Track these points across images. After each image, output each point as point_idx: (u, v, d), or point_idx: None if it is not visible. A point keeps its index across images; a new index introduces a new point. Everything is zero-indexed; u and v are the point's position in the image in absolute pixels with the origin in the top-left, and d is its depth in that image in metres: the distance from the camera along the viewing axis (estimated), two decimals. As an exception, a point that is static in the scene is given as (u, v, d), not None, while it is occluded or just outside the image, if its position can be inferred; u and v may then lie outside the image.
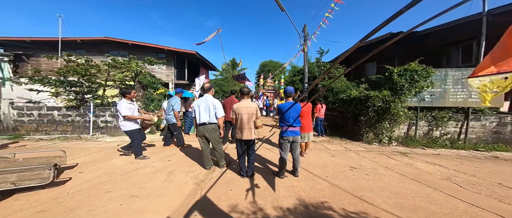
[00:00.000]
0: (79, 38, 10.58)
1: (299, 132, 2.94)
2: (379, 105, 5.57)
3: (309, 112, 4.13)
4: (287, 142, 2.88)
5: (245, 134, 2.83)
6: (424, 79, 5.61)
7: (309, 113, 4.17)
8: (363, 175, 3.29)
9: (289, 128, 2.85)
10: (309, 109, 4.14)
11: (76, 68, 4.57)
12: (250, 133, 2.86)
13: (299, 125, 2.94)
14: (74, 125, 4.95)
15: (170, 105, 4.38)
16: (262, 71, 18.08)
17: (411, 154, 4.91)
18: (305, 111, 4.06)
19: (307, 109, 4.08)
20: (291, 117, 2.86)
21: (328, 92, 8.72)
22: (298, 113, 2.91)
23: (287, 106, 2.87)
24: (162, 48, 11.20)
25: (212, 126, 3.07)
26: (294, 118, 2.87)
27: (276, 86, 12.14)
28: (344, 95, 7.16)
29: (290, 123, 2.85)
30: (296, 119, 2.90)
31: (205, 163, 3.23)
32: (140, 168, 3.23)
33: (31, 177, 2.28)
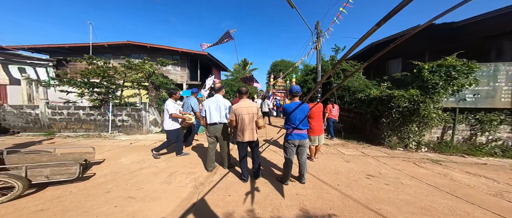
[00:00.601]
0: (106, 43, 11.54)
1: (306, 135, 2.67)
2: (404, 106, 4.92)
3: (319, 113, 3.79)
4: (292, 146, 2.63)
5: (247, 135, 2.67)
6: (464, 76, 4.78)
7: (320, 114, 3.82)
8: (382, 185, 2.86)
9: (295, 131, 2.59)
10: (319, 109, 3.79)
11: (96, 70, 4.93)
12: (253, 134, 2.70)
13: (306, 127, 2.67)
14: (96, 123, 5.35)
15: (189, 106, 4.49)
16: (273, 71, 17.72)
17: (446, 162, 4.22)
18: (315, 112, 3.73)
19: (317, 109, 3.74)
20: (297, 119, 2.60)
21: (344, 91, 8.09)
22: (305, 115, 2.63)
23: (293, 106, 2.62)
24: (176, 50, 11.65)
25: (223, 126, 3.06)
26: (300, 120, 2.61)
27: (287, 86, 11.72)
28: (363, 95, 6.53)
29: (295, 125, 2.60)
30: (303, 121, 2.63)
31: (207, 164, 3.15)
32: (144, 168, 3.26)
33: (61, 172, 2.47)
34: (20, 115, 5.28)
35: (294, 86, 2.78)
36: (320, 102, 3.86)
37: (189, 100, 4.56)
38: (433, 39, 7.63)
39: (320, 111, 3.80)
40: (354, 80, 7.78)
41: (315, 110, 3.72)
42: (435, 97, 4.86)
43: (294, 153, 2.69)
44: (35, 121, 5.33)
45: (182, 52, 11.81)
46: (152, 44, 11.54)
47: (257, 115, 2.74)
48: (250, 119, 2.68)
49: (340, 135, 6.62)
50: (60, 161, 2.67)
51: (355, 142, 6.04)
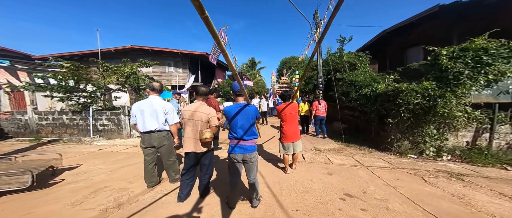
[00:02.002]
0: (113, 48, 12.17)
1: (252, 148, 2.01)
2: (416, 102, 3.86)
3: (293, 115, 3.08)
4: (235, 162, 2.00)
5: (187, 145, 2.15)
6: (505, 61, 3.56)
7: (295, 116, 3.12)
8: (356, 212, 2.09)
9: (237, 142, 1.98)
10: (293, 110, 3.08)
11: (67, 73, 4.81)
12: (195, 145, 2.14)
13: (253, 137, 2.02)
14: (79, 128, 5.44)
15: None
16: (282, 69, 16.85)
17: (472, 176, 3.14)
18: (288, 114, 3.04)
19: (290, 110, 3.05)
20: (239, 127, 1.96)
21: (350, 87, 7.01)
22: (250, 121, 1.99)
23: (233, 110, 2.00)
24: (176, 52, 11.72)
25: (161, 134, 2.54)
26: (243, 128, 1.97)
27: (292, 83, 10.84)
28: (368, 90, 5.48)
29: (237, 135, 1.98)
30: (249, 130, 1.99)
31: (146, 179, 2.66)
32: (74, 183, 2.88)
33: (11, 181, 2.41)
34: (12, 121, 5.65)
35: (236, 83, 2.05)
36: (294, 102, 3.17)
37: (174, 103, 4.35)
38: (464, 21, 6.12)
39: (294, 112, 3.09)
40: (359, 73, 6.67)
41: (287, 112, 3.04)
42: (459, 90, 3.71)
43: (239, 171, 2.07)
44: (25, 127, 5.64)
45: (182, 54, 11.84)
46: (154, 47, 11.81)
47: (207, 123, 2.16)
48: (194, 126, 2.13)
49: (340, 137, 5.69)
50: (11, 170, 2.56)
51: (357, 147, 5.07)
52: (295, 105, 3.12)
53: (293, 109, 3.07)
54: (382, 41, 8.41)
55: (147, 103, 2.49)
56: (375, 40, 8.57)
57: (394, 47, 8.22)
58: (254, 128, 2.05)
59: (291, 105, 3.04)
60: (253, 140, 2.04)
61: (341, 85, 7.52)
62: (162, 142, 2.55)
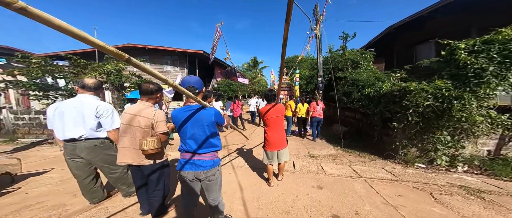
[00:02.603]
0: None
1: (210, 164, 1.49)
2: (427, 104, 3.30)
3: (278, 119, 2.61)
4: (187, 181, 1.48)
5: (123, 155, 1.69)
6: None
7: (281, 119, 2.64)
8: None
9: (188, 156, 1.47)
10: (278, 113, 2.60)
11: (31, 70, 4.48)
12: (132, 155, 1.68)
13: (210, 150, 1.50)
14: None
15: None
16: (286, 68, 16.28)
17: (496, 194, 2.57)
18: (271, 117, 2.58)
19: (275, 113, 2.58)
20: (190, 137, 1.45)
21: (352, 86, 6.42)
22: (206, 130, 1.47)
23: (182, 115, 1.46)
24: (173, 50, 11.47)
25: (92, 143, 1.95)
26: (196, 139, 1.45)
27: (292, 82, 10.28)
28: (371, 90, 4.90)
29: (186, 147, 1.46)
30: (205, 142, 1.47)
31: (85, 195, 2.12)
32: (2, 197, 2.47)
33: None
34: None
35: (188, 77, 1.50)
36: (280, 104, 2.71)
37: None
38: (484, 12, 5.41)
39: (279, 115, 2.61)
40: (361, 72, 6.09)
41: (271, 115, 2.57)
42: (482, 90, 3.12)
43: (195, 192, 1.53)
44: (0, 127, 5.43)
45: (179, 52, 11.58)
46: (151, 45, 11.61)
47: (150, 130, 1.67)
48: (132, 134, 1.66)
49: (339, 142, 5.15)
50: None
51: (356, 153, 4.53)
52: (281, 107, 2.64)
53: (278, 112, 2.59)
54: (389, 37, 7.74)
55: (72, 103, 1.91)
56: (381, 36, 7.91)
57: (402, 43, 7.54)
58: (213, 138, 1.51)
59: (276, 107, 2.57)
60: (212, 154, 1.51)
61: (343, 85, 6.95)
62: (95, 154, 1.97)
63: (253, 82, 14.48)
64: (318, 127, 5.63)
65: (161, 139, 1.68)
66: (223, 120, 1.61)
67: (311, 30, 8.05)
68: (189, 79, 1.49)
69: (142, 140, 1.58)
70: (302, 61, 13.61)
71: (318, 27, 7.54)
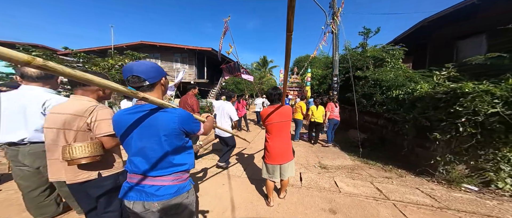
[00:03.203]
0: (124, 44, 12.36)
1: (171, 191, 0.95)
2: (493, 112, 2.49)
3: (284, 125, 2.02)
4: (135, 213, 0.96)
5: (52, 171, 1.25)
6: None
7: (287, 125, 2.05)
8: None
9: (137, 180, 0.95)
10: (283, 118, 2.01)
11: None
12: (58, 168, 1.22)
13: (170, 171, 0.96)
14: None
15: None
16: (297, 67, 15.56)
17: None
18: (275, 122, 2.00)
19: (279, 118, 1.99)
20: (137, 152, 0.95)
21: (374, 87, 5.60)
22: (162, 142, 0.93)
23: (126, 119, 0.96)
24: (182, 48, 11.38)
25: (39, 148, 1.50)
26: (147, 155, 0.94)
27: (303, 82, 9.57)
28: (401, 92, 4.09)
29: (132, 167, 0.96)
30: (162, 159, 0.94)
31: (31, 211, 1.69)
32: None
33: None
34: None
35: (133, 63, 0.95)
36: (286, 105, 2.13)
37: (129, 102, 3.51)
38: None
39: (285, 120, 2.01)
40: (387, 71, 5.25)
41: (274, 119, 2.00)
42: None
43: None
44: None
45: (188, 49, 11.48)
46: (162, 43, 11.66)
47: (86, 133, 1.19)
48: (53, 140, 1.19)
49: (357, 151, 4.42)
50: None
51: (379, 166, 3.78)
52: (286, 110, 2.03)
53: (283, 116, 2.00)
54: (421, 32, 6.70)
55: (9, 98, 1.46)
56: (411, 31, 6.90)
57: (438, 39, 6.45)
58: (177, 154, 0.99)
59: (281, 110, 1.98)
60: (175, 176, 0.98)
61: (362, 86, 6.15)
62: (42, 162, 1.51)
63: (262, 82, 13.96)
64: (332, 132, 4.96)
65: (105, 145, 1.21)
66: (196, 126, 1.06)
67: (327, 25, 7.34)
68: (133, 65, 0.94)
69: (66, 147, 1.10)
70: (314, 60, 12.79)
71: (335, 21, 6.80)
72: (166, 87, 1.11)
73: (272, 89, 2.10)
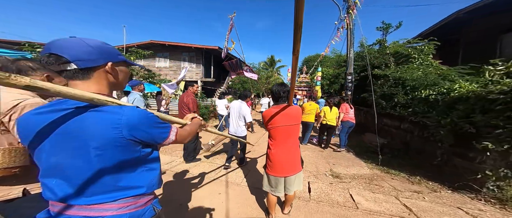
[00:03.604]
0: (136, 43, 12.57)
1: None
2: None
3: (292, 129, 1.60)
4: None
5: None
6: None
7: (294, 130, 1.62)
8: None
9: (58, 209, 0.58)
10: (291, 121, 1.59)
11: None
12: None
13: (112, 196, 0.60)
14: None
15: None
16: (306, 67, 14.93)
17: None
18: (280, 127, 1.59)
19: (285, 120, 1.57)
20: (50, 171, 0.58)
21: (395, 87, 4.98)
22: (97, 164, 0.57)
23: (37, 121, 0.58)
24: (190, 46, 11.31)
25: None
26: (67, 175, 0.57)
27: (313, 82, 8.99)
28: (433, 92, 3.47)
29: (47, 192, 0.58)
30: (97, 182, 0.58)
31: None
32: None
33: None
34: None
35: (56, 40, 0.57)
36: (294, 105, 1.71)
37: (129, 97, 3.10)
38: None
39: (293, 124, 1.59)
40: (413, 68, 4.60)
41: (279, 122, 1.58)
42: None
43: None
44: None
45: (195, 48, 11.39)
46: (170, 42, 11.70)
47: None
48: None
49: (375, 158, 3.87)
50: None
51: (404, 176, 3.22)
52: (295, 112, 1.60)
53: (291, 118, 1.57)
54: (452, 26, 5.90)
55: None
56: (440, 25, 6.12)
57: (476, 32, 5.60)
58: (124, 174, 0.62)
59: (288, 111, 1.56)
60: (126, 203, 0.62)
61: (381, 85, 5.53)
62: None
63: (269, 81, 13.55)
64: (346, 136, 4.44)
65: (21, 152, 0.87)
66: (162, 132, 0.69)
67: (341, 19, 6.78)
68: (55, 40, 0.58)
69: None
70: (325, 59, 12.12)
71: (350, 15, 6.23)
72: (124, 81, 0.74)
73: (278, 85, 1.67)
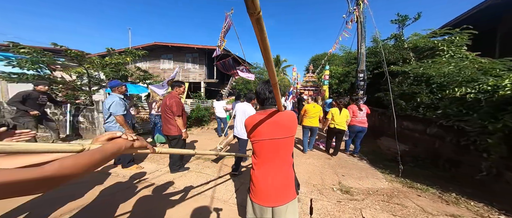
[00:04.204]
0: (141, 45, 12.65)
1: None
2: None
3: (283, 143, 1.08)
4: None
5: None
6: None
7: (287, 144, 1.09)
8: None
9: None
10: (285, 131, 1.07)
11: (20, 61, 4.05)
12: None
13: None
14: (60, 124, 4.86)
15: (105, 108, 2.68)
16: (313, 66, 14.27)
17: None
18: (265, 141, 1.07)
19: (275, 130, 1.07)
20: None
21: (418, 85, 4.29)
22: None
23: None
24: (192, 47, 11.12)
25: None
26: None
27: (320, 81, 8.34)
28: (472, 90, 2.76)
29: None
30: None
31: None
32: None
33: None
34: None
35: None
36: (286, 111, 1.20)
37: (105, 101, 2.76)
38: None
39: (284, 137, 1.08)
40: (441, 63, 3.88)
41: (264, 134, 1.06)
42: None
43: None
44: None
45: (198, 49, 11.17)
46: (174, 43, 11.59)
47: None
48: None
49: (394, 168, 3.24)
50: None
51: (432, 191, 2.58)
52: (288, 119, 1.10)
53: (282, 129, 1.07)
54: (488, 14, 5.07)
55: None
56: (469, 15, 5.30)
57: None
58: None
59: (278, 118, 1.07)
60: None
61: (400, 83, 4.85)
62: None
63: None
64: (358, 141, 3.85)
65: None
66: None
67: (349, 12, 6.15)
68: None
69: None
70: (334, 58, 11.36)
71: (360, 6, 5.60)
72: None
73: (264, 83, 1.18)
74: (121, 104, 2.66)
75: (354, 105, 3.89)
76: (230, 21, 6.40)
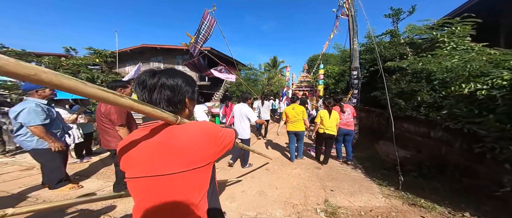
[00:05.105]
0: (128, 48, 12.28)
1: None
2: None
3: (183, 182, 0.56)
4: None
5: None
6: None
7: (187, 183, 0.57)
8: None
9: None
10: (189, 151, 0.57)
11: None
12: None
13: None
14: None
15: (12, 118, 2.04)
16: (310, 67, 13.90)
17: None
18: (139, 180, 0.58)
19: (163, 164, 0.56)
20: None
21: (418, 82, 3.82)
22: None
23: None
24: (182, 49, 10.73)
25: None
26: None
27: (320, 82, 7.88)
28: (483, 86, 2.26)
29: None
30: None
31: None
32: None
33: None
34: None
35: None
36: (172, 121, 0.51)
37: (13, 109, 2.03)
38: None
39: (179, 171, 0.55)
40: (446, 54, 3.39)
41: (139, 162, 0.58)
42: None
43: None
44: None
45: (187, 50, 10.79)
46: (163, 45, 11.22)
47: None
48: None
49: (392, 178, 2.74)
50: None
51: (440, 209, 2.08)
52: (194, 134, 0.59)
53: (173, 158, 0.56)
54: (490, 3, 4.64)
55: None
56: (471, 4, 4.88)
57: None
58: None
59: (166, 136, 0.58)
60: None
61: (397, 80, 4.39)
62: None
63: (271, 83, 12.61)
64: (348, 146, 3.38)
65: None
66: None
67: (340, 6, 5.74)
68: None
69: None
70: (331, 57, 10.95)
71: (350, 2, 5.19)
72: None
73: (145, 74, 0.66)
74: (38, 112, 2.01)
75: (337, 107, 3.45)
76: (213, 19, 5.94)
